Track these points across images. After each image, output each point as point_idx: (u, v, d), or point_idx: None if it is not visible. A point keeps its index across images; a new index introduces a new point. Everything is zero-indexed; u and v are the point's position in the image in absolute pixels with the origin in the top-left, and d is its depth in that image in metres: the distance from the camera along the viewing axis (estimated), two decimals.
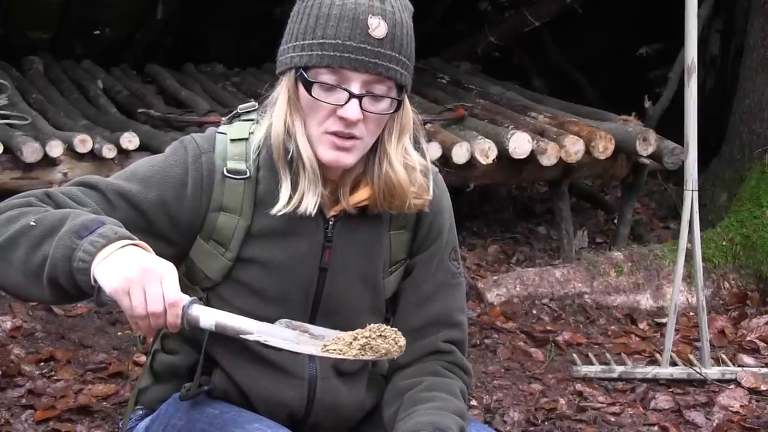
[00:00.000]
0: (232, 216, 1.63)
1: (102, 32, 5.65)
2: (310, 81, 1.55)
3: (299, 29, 1.58)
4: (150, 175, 1.61)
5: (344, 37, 1.53)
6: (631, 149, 4.00)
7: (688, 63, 3.13)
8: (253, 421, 1.64)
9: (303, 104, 1.58)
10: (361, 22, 1.53)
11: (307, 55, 1.56)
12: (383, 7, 1.56)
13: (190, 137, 1.67)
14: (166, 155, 1.65)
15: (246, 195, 1.63)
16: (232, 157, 1.63)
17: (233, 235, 1.64)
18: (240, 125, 1.68)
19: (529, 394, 3.10)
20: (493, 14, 5.97)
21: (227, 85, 5.28)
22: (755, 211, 4.05)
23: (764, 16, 4.38)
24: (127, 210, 1.58)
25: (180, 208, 1.61)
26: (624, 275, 3.83)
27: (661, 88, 5.14)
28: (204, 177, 1.62)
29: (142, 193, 1.59)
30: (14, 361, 3.09)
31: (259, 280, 1.65)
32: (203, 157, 1.63)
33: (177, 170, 1.62)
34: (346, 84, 1.55)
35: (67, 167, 3.77)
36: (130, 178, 1.61)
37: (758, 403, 3.11)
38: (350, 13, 1.53)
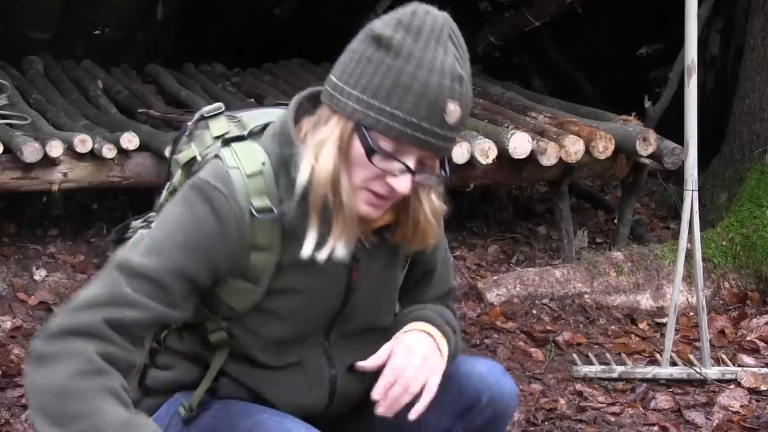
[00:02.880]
0: (263, 253, 1.62)
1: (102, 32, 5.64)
2: (373, 148, 1.52)
3: (372, 84, 1.51)
4: (188, 241, 1.57)
5: (420, 118, 1.50)
6: (631, 149, 4.00)
7: (688, 63, 3.13)
8: (261, 411, 1.67)
9: (354, 157, 1.55)
10: (439, 107, 1.50)
11: (375, 119, 1.51)
12: (461, 90, 1.52)
13: (205, 182, 1.60)
14: (192, 210, 1.59)
15: (275, 230, 1.62)
16: (254, 193, 1.60)
17: (264, 272, 1.63)
18: (244, 154, 1.63)
19: (529, 394, 3.10)
20: (493, 14, 5.96)
21: (227, 85, 5.28)
22: (755, 211, 4.05)
23: (764, 16, 4.38)
24: (180, 285, 1.57)
25: (223, 261, 1.60)
26: (624, 275, 3.83)
27: (661, 88, 5.14)
28: (236, 223, 1.59)
29: (189, 263, 1.57)
30: (14, 361, 3.09)
31: (286, 307, 1.67)
32: (230, 203, 1.58)
33: (211, 226, 1.58)
34: (404, 156, 1.54)
35: (67, 167, 3.77)
36: (170, 250, 1.56)
37: (758, 403, 3.11)
38: (432, 94, 1.49)
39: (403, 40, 1.50)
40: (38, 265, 3.81)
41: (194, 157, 1.72)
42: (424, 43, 1.50)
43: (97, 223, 4.19)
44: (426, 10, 1.54)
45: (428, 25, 1.52)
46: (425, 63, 1.49)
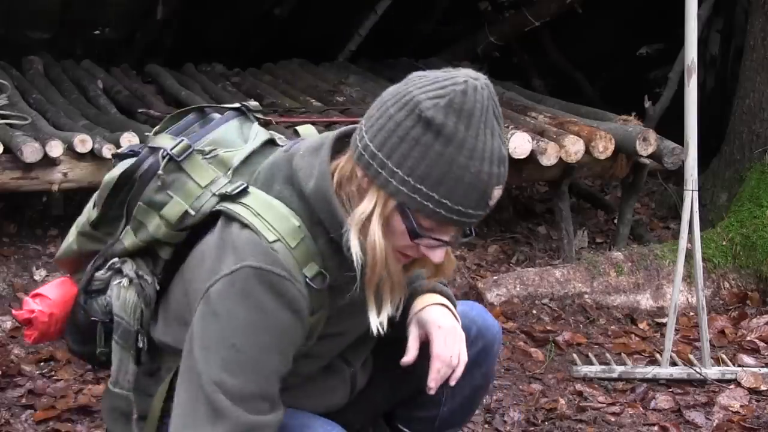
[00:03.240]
0: (319, 313, 1.64)
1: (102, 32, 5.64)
2: (418, 232, 1.54)
3: (420, 169, 1.49)
4: (272, 342, 1.56)
5: (467, 206, 1.51)
6: (631, 149, 4.00)
7: (688, 63, 3.13)
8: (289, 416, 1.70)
9: (393, 229, 1.55)
10: (487, 194, 1.52)
11: (421, 203, 1.51)
12: (505, 172, 1.54)
13: (262, 271, 1.55)
14: (263, 308, 1.55)
15: (325, 291, 1.63)
16: (303, 263, 1.58)
17: (318, 328, 1.66)
18: (275, 217, 1.58)
19: (529, 394, 3.10)
20: (493, 14, 5.96)
21: (227, 85, 5.27)
22: (755, 211, 4.05)
23: (764, 16, 4.38)
24: (279, 378, 1.60)
25: (303, 340, 1.63)
26: (624, 275, 3.83)
27: (661, 88, 5.14)
28: (305, 303, 1.58)
29: (281, 361, 1.58)
30: (14, 361, 3.09)
31: (326, 348, 1.73)
32: (295, 286, 1.56)
33: (289, 319, 1.57)
34: (442, 235, 1.57)
35: (67, 167, 3.77)
36: (262, 358, 1.55)
37: (758, 403, 3.11)
38: (482, 185, 1.50)
39: (455, 128, 1.48)
40: (38, 265, 3.81)
41: (185, 212, 1.66)
42: (474, 130, 1.49)
43: None
44: (474, 87, 1.51)
45: (478, 107, 1.50)
46: (476, 153, 1.48)
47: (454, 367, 1.77)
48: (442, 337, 1.76)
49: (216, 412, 1.52)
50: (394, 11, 5.82)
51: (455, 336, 1.78)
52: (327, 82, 5.26)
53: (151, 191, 1.70)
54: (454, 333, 1.78)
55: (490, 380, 2.08)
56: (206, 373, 1.53)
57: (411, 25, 6.09)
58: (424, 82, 1.51)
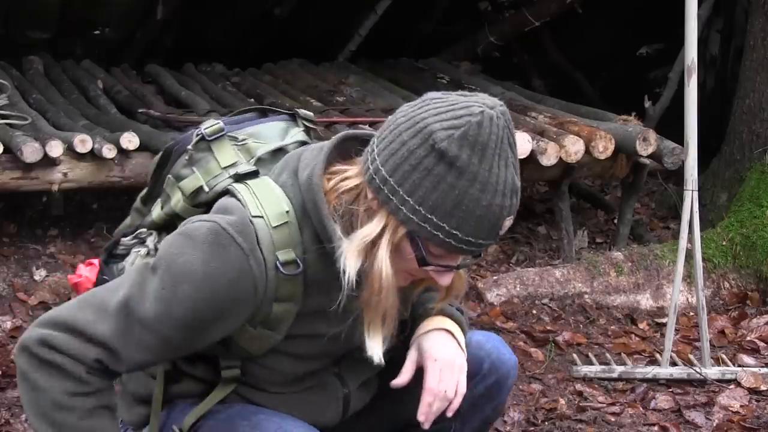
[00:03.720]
0: (286, 304, 1.61)
1: (102, 32, 5.63)
2: (427, 260, 1.54)
3: (432, 199, 1.48)
4: (198, 297, 1.54)
5: (478, 237, 1.51)
6: (631, 149, 4.00)
7: (688, 63, 3.13)
8: (257, 411, 1.69)
9: (401, 254, 1.55)
10: (497, 224, 1.52)
11: (431, 233, 1.50)
12: (516, 203, 1.54)
13: (224, 231, 1.54)
14: (207, 261, 1.53)
15: (298, 282, 1.60)
16: (279, 246, 1.57)
17: (284, 321, 1.63)
18: (267, 197, 1.59)
19: (529, 394, 3.10)
20: (493, 14, 5.96)
21: (227, 85, 5.27)
22: (755, 211, 4.05)
23: (764, 16, 4.38)
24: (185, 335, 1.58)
25: (234, 320, 1.60)
26: (624, 275, 3.83)
27: (661, 88, 5.14)
28: (255, 282, 1.56)
29: (196, 319, 1.56)
30: (14, 361, 3.08)
31: (303, 349, 1.68)
32: (249, 261, 1.54)
33: (225, 290, 1.54)
34: (451, 260, 1.57)
35: (67, 167, 3.77)
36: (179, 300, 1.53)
37: (758, 403, 3.11)
38: (494, 217, 1.50)
39: (469, 160, 1.46)
40: (38, 265, 3.81)
41: (200, 187, 1.68)
42: (488, 163, 1.48)
43: (97, 223, 4.19)
44: (490, 118, 1.48)
45: (493, 138, 1.48)
46: (489, 186, 1.48)
47: (450, 400, 1.72)
48: (436, 370, 1.72)
49: (110, 312, 1.55)
50: (394, 11, 5.81)
51: (452, 368, 1.73)
52: (327, 82, 5.26)
53: (180, 165, 1.72)
54: (452, 365, 1.73)
55: (502, 413, 2.03)
56: (128, 291, 1.56)
57: (411, 25, 6.09)
58: (439, 109, 1.49)
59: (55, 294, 3.61)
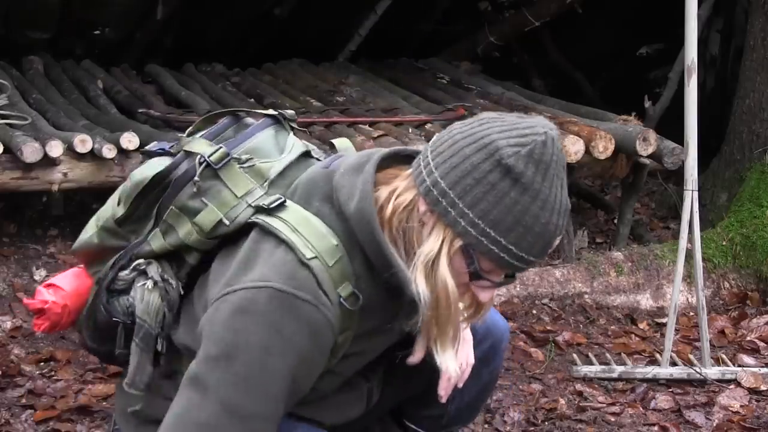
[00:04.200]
0: (347, 333, 1.62)
1: (102, 32, 5.63)
2: (479, 274, 1.55)
3: (493, 214, 1.49)
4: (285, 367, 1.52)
5: (531, 254, 1.53)
6: (631, 149, 4.00)
7: (688, 63, 3.13)
8: (296, 427, 1.72)
9: (453, 268, 1.55)
10: (550, 244, 1.54)
11: (488, 247, 1.51)
12: (566, 224, 1.56)
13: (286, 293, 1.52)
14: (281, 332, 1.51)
15: (356, 312, 1.61)
16: (338, 283, 1.57)
17: (344, 346, 1.64)
18: (312, 233, 1.56)
19: (529, 394, 3.10)
20: (493, 14, 5.96)
21: (227, 85, 5.27)
22: (755, 211, 4.05)
23: (764, 16, 4.38)
24: (287, 403, 1.58)
25: (322, 366, 1.61)
26: (624, 275, 3.83)
27: (661, 88, 5.14)
28: (331, 328, 1.56)
29: (292, 387, 1.55)
30: (14, 361, 3.09)
31: (348, 367, 1.72)
32: (321, 311, 1.54)
33: (308, 346, 1.54)
34: (496, 276, 1.58)
35: (67, 167, 3.77)
36: (270, 381, 1.52)
37: (758, 403, 3.11)
38: (548, 236, 1.52)
39: (533, 178, 1.49)
40: (38, 265, 3.81)
41: (220, 221, 1.64)
42: (549, 182, 1.50)
43: None
44: (552, 139, 1.52)
45: (554, 159, 1.51)
46: (548, 204, 1.50)
47: (462, 371, 1.81)
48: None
49: (214, 419, 1.50)
50: (394, 11, 5.82)
51: (463, 342, 1.80)
52: (327, 82, 5.26)
53: (186, 196, 1.67)
54: (462, 339, 1.79)
55: (498, 376, 2.12)
56: (214, 385, 1.50)
57: (411, 25, 6.09)
58: (502, 127, 1.51)
59: None
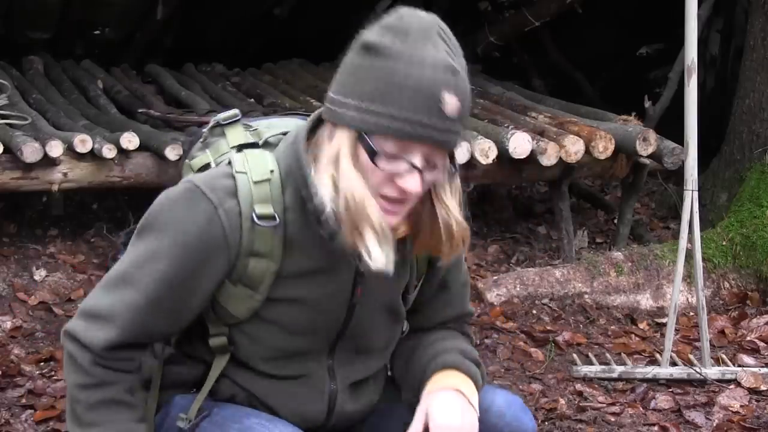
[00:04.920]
0: (262, 260, 1.61)
1: (102, 32, 5.64)
2: (375, 150, 1.51)
3: (364, 88, 1.50)
4: (172, 251, 1.58)
5: (417, 112, 1.48)
6: (631, 149, 4.00)
7: (688, 63, 3.13)
8: (250, 415, 1.68)
9: (362, 165, 1.53)
10: (435, 98, 1.48)
11: (374, 122, 1.49)
12: (456, 81, 1.50)
13: (195, 187, 1.59)
14: (178, 217, 1.58)
15: (276, 239, 1.60)
16: (258, 200, 1.59)
17: (263, 279, 1.63)
18: (255, 161, 1.62)
19: (529, 394, 3.10)
20: (493, 14, 5.96)
21: (227, 85, 5.28)
22: (755, 211, 4.05)
23: (764, 16, 4.39)
24: (169, 294, 1.60)
25: (215, 277, 1.61)
26: (624, 275, 3.83)
27: (661, 88, 5.14)
28: (224, 233, 1.58)
29: (173, 271, 1.58)
30: (14, 361, 3.09)
31: (287, 317, 1.66)
32: (218, 213, 1.57)
33: (194, 239, 1.57)
34: (408, 155, 1.52)
35: (67, 167, 3.77)
36: (156, 257, 1.58)
37: (758, 403, 3.11)
38: (426, 87, 1.48)
39: (392, 43, 1.49)
40: (38, 265, 3.81)
41: (208, 164, 1.72)
42: (412, 42, 1.49)
43: (97, 223, 4.19)
44: (411, 13, 1.52)
45: (415, 25, 1.50)
46: (415, 60, 1.48)
47: None
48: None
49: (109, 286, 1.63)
50: None
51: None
52: (327, 82, 5.22)
53: (195, 149, 1.78)
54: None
55: None
56: (123, 257, 1.64)
57: None
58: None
59: (55, 294, 3.61)
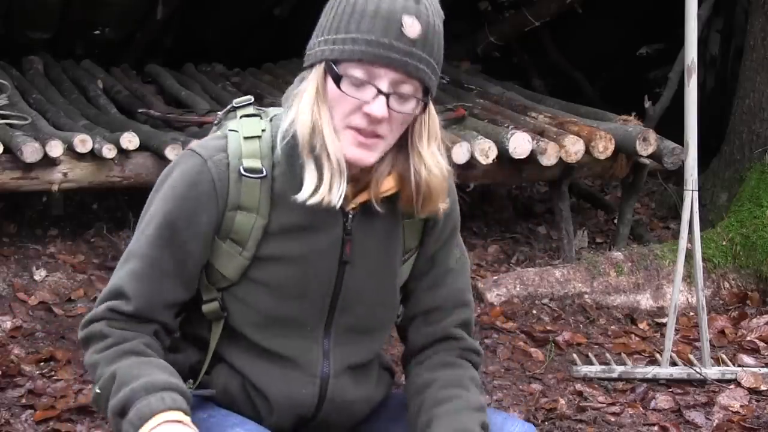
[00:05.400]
0: (249, 214, 1.63)
1: (102, 32, 5.64)
2: (340, 75, 1.54)
3: (331, 24, 1.57)
4: (168, 210, 1.62)
5: (378, 34, 1.52)
6: (631, 149, 4.00)
7: (688, 63, 3.13)
8: (236, 425, 1.66)
9: (330, 97, 1.56)
10: (395, 21, 1.52)
11: (338, 49, 1.54)
12: (418, 7, 1.53)
13: (188, 150, 1.67)
14: (172, 178, 1.64)
15: (263, 193, 1.63)
16: (247, 155, 1.63)
17: (251, 234, 1.64)
18: (249, 122, 1.68)
19: (529, 394, 3.10)
20: (493, 14, 5.97)
21: (227, 85, 5.28)
22: (755, 211, 4.06)
23: (764, 16, 4.39)
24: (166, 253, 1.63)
25: (207, 228, 1.64)
26: (624, 275, 3.84)
27: (661, 88, 5.14)
28: (212, 184, 1.62)
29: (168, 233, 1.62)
30: (14, 361, 3.09)
31: (277, 277, 1.65)
32: (207, 165, 1.62)
33: (185, 192, 1.62)
34: (375, 81, 1.54)
35: (67, 167, 3.77)
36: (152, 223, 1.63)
37: (758, 403, 3.11)
38: (385, 10, 1.52)
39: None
40: (38, 265, 3.81)
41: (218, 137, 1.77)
42: None
43: (97, 223, 4.19)
44: None
45: None
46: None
47: None
48: None
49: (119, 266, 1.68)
50: None
51: None
52: None
53: (210, 133, 1.81)
54: None
55: None
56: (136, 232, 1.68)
57: None
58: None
59: (55, 294, 3.61)
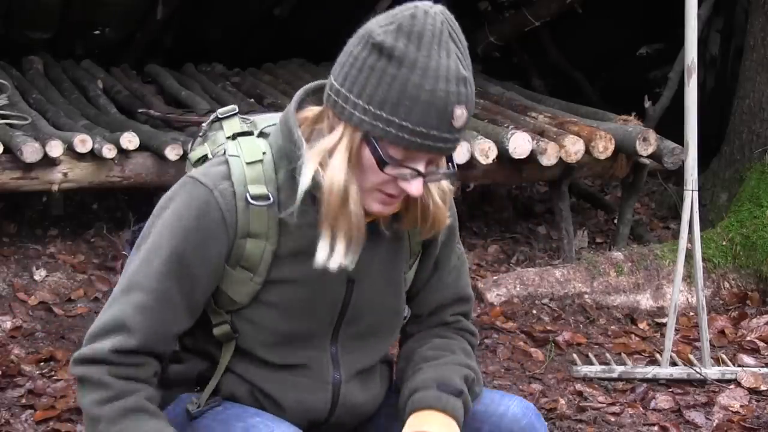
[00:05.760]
0: (258, 241, 1.63)
1: (102, 32, 5.64)
2: (385, 160, 1.52)
3: (378, 95, 1.50)
4: (175, 243, 1.60)
5: (429, 127, 1.50)
6: (631, 149, 4.00)
7: (688, 63, 3.13)
8: (254, 414, 1.68)
9: (364, 166, 1.55)
10: (447, 113, 1.50)
11: (383, 129, 1.50)
12: (466, 92, 1.52)
13: (191, 178, 1.63)
14: (177, 210, 1.61)
15: (271, 219, 1.62)
16: (251, 181, 1.61)
17: (261, 260, 1.64)
18: (248, 144, 1.66)
19: (529, 394, 3.09)
20: (493, 14, 5.96)
21: (227, 85, 5.28)
22: (755, 211, 4.05)
23: (764, 16, 4.39)
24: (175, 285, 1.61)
25: (217, 260, 1.62)
26: (624, 275, 3.83)
27: (661, 88, 5.14)
28: (221, 214, 1.60)
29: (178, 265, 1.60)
30: (14, 361, 3.09)
31: (287, 298, 1.67)
32: (214, 195, 1.60)
33: (192, 223, 1.60)
34: (414, 161, 1.54)
35: (67, 167, 3.77)
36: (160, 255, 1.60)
37: (758, 403, 3.11)
38: (440, 102, 1.49)
39: (406, 49, 1.49)
40: (38, 265, 3.81)
41: (206, 155, 1.74)
42: (426, 50, 1.49)
43: (97, 223, 4.19)
44: (424, 11, 1.52)
45: (428, 28, 1.50)
46: (430, 71, 1.48)
47: None
48: None
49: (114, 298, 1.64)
50: None
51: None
52: None
53: (195, 144, 1.80)
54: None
55: None
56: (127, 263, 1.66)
57: None
58: (380, 17, 1.55)
59: (55, 294, 3.61)
